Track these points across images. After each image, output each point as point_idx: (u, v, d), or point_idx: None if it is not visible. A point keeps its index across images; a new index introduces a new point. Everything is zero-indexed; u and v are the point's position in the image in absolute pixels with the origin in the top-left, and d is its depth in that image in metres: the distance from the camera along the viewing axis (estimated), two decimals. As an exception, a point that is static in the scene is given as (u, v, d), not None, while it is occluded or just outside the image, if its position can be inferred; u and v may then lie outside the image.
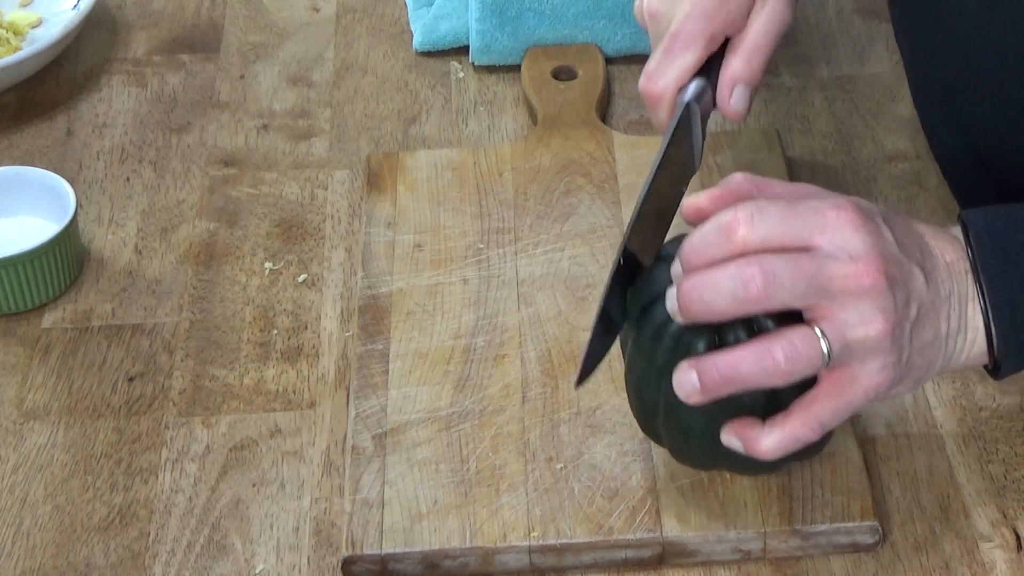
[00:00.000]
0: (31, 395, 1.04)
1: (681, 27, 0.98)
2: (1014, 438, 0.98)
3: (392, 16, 1.36)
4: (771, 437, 0.85)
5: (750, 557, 0.92)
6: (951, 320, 0.86)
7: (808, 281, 0.82)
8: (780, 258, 0.82)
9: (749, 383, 0.83)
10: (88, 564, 0.94)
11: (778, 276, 0.81)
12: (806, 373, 0.83)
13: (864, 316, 0.82)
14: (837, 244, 0.83)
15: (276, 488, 0.98)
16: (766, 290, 0.81)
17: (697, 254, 0.84)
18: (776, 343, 0.82)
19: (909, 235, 0.86)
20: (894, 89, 1.25)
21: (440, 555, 0.91)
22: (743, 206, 0.84)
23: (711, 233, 0.84)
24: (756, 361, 0.82)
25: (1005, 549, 0.92)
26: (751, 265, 0.82)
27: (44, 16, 1.35)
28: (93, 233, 1.16)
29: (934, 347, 0.86)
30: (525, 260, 1.09)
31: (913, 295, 0.84)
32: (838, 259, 0.82)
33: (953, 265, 0.87)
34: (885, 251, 0.83)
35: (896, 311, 0.83)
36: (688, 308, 0.83)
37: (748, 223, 0.83)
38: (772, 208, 0.84)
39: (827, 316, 0.82)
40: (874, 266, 0.82)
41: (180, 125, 1.26)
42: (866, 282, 0.82)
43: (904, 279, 0.84)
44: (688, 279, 0.83)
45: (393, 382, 1.01)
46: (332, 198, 1.18)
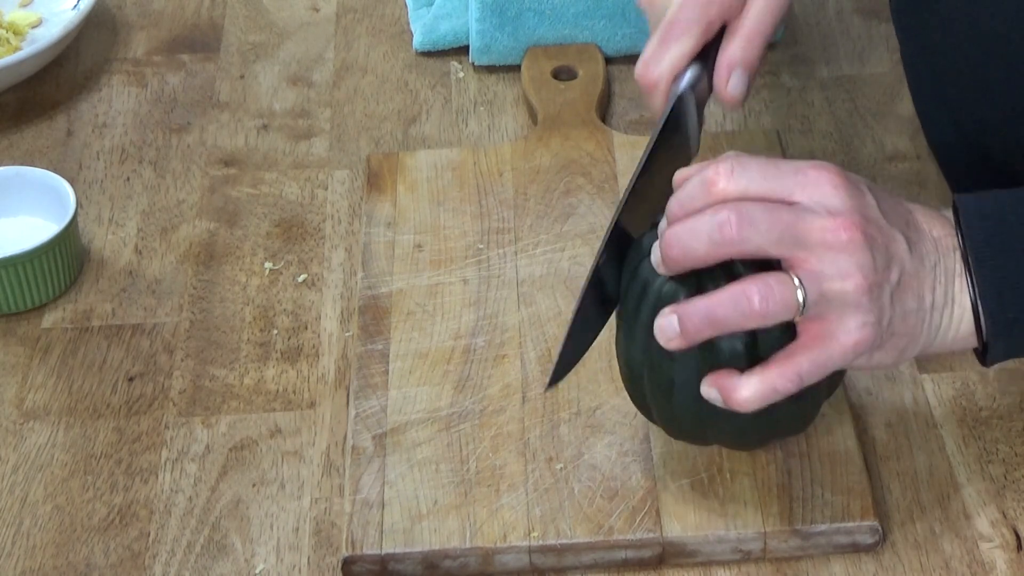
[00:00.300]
0: (31, 395, 1.04)
1: (678, 14, 0.98)
2: (1014, 438, 0.98)
3: (392, 16, 1.36)
4: (749, 386, 0.85)
5: (750, 557, 0.92)
6: (936, 292, 0.87)
7: (784, 228, 0.83)
8: (757, 205, 0.84)
9: (727, 325, 0.84)
10: (88, 564, 0.94)
11: (754, 219, 0.83)
12: (781, 317, 0.84)
13: (841, 269, 0.83)
14: (816, 200, 0.84)
15: (276, 488, 0.98)
16: (740, 232, 0.83)
17: (680, 206, 0.85)
18: (752, 285, 0.83)
19: (895, 207, 0.87)
20: (894, 89, 1.25)
21: (440, 555, 0.91)
22: (724, 159, 0.85)
23: (694, 186, 0.85)
24: (733, 303, 0.83)
25: (1005, 549, 0.92)
26: (728, 208, 0.83)
27: (44, 16, 1.35)
28: (93, 233, 1.16)
29: (917, 316, 0.86)
30: (525, 260, 1.09)
31: (895, 259, 0.85)
32: (816, 213, 0.83)
33: (941, 240, 0.87)
34: (865, 212, 0.84)
35: (875, 271, 0.84)
36: (668, 253, 0.85)
37: (728, 175, 0.84)
38: (753, 163, 0.85)
39: (804, 266, 0.83)
40: (852, 221, 0.83)
41: (180, 125, 1.26)
42: (843, 236, 0.83)
43: (885, 242, 0.85)
44: (670, 228, 0.85)
45: (393, 382, 1.01)
46: (332, 198, 1.18)
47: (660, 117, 0.97)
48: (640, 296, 0.88)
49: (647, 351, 0.88)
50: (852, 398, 0.99)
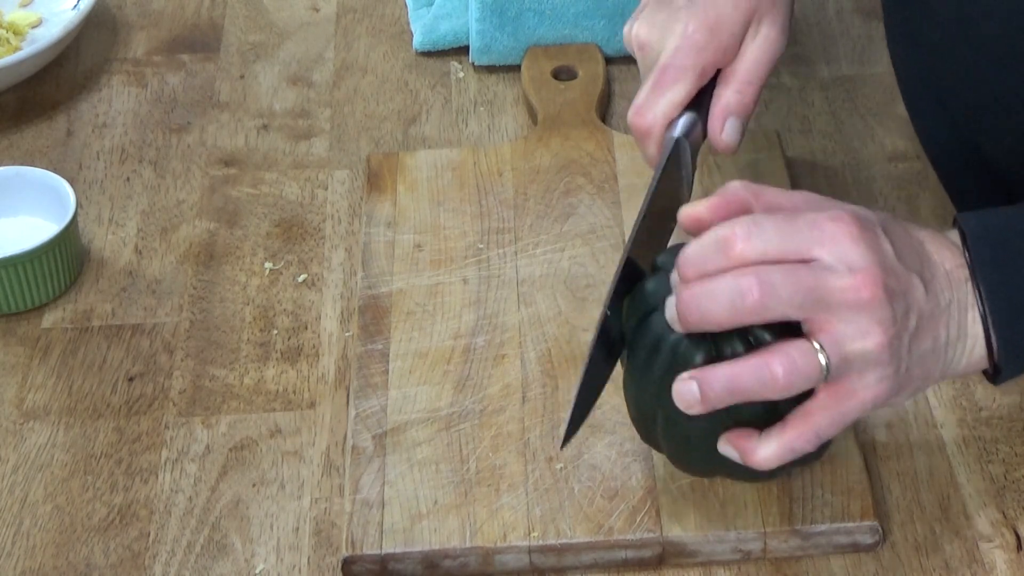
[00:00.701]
0: (31, 395, 1.04)
1: (671, 60, 0.97)
2: (1014, 438, 0.98)
3: (392, 16, 1.36)
4: (767, 448, 0.85)
5: (750, 557, 0.92)
6: (950, 328, 0.86)
7: (806, 292, 0.81)
8: (778, 269, 0.82)
9: (748, 396, 0.83)
10: (88, 564, 0.94)
11: (775, 286, 0.81)
12: (804, 387, 0.83)
13: (862, 329, 0.82)
14: (836, 256, 0.82)
15: (276, 488, 0.98)
16: (763, 300, 0.81)
17: (694, 267, 0.83)
18: (775, 357, 0.82)
19: (908, 244, 0.86)
20: (894, 89, 1.24)
21: (440, 555, 0.91)
22: (741, 221, 0.83)
23: (709, 247, 0.83)
24: (755, 374, 0.82)
25: (1005, 549, 0.92)
26: (748, 275, 0.81)
27: (44, 16, 1.35)
28: (93, 233, 1.16)
29: (933, 356, 0.86)
30: (525, 260, 1.09)
31: (912, 306, 0.84)
32: (836, 271, 0.82)
33: (952, 273, 0.86)
34: (884, 262, 0.83)
35: (895, 323, 0.83)
36: (687, 318, 0.83)
37: (746, 239, 0.82)
38: (769, 223, 0.83)
39: (825, 329, 0.82)
40: (872, 278, 0.82)
41: (180, 125, 1.26)
42: (865, 295, 0.82)
43: (903, 290, 0.83)
44: (687, 289, 0.83)
45: (393, 382, 1.01)
46: (332, 198, 1.18)
47: (656, 166, 0.96)
48: (653, 350, 0.86)
49: (660, 402, 0.87)
50: (852, 398, 0.99)
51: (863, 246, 0.83)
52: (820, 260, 0.82)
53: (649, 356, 0.87)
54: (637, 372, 0.88)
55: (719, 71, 1.00)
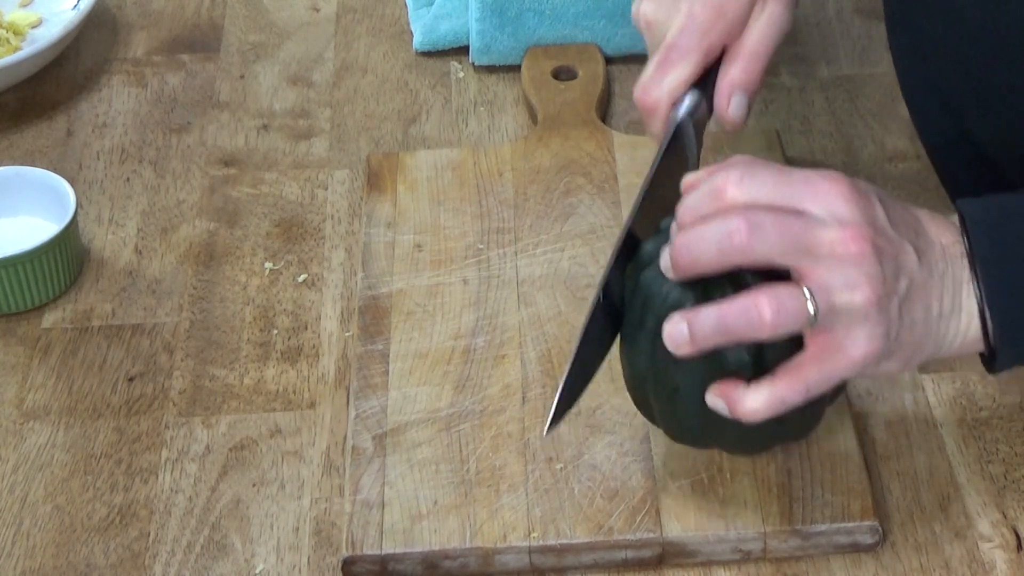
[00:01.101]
0: (31, 395, 1.04)
1: (677, 39, 0.98)
2: (1014, 438, 0.98)
3: (392, 16, 1.36)
4: (756, 398, 0.85)
5: (750, 557, 0.92)
6: (944, 301, 0.86)
7: (793, 238, 0.82)
8: (767, 212, 0.83)
9: (736, 335, 0.84)
10: (88, 564, 0.94)
11: (763, 228, 0.82)
12: (791, 329, 0.83)
13: (850, 281, 0.83)
14: (826, 211, 0.83)
15: (276, 488, 0.98)
16: (750, 240, 0.82)
17: (689, 212, 0.85)
18: (764, 297, 0.83)
19: (904, 216, 0.87)
20: (894, 89, 1.24)
21: (440, 555, 0.91)
22: (735, 167, 0.85)
23: (703, 194, 0.85)
24: (743, 313, 0.83)
25: (1005, 549, 0.92)
26: (737, 216, 0.83)
27: (44, 16, 1.35)
28: (93, 233, 1.16)
29: (925, 325, 0.86)
30: (525, 260, 1.09)
31: (904, 269, 0.84)
32: (826, 223, 0.83)
33: (949, 248, 0.87)
34: (875, 223, 0.84)
35: (884, 281, 0.83)
36: (678, 262, 0.84)
37: (737, 183, 0.84)
38: (763, 170, 0.85)
39: (813, 277, 0.83)
40: (861, 233, 0.83)
41: (180, 125, 1.26)
42: (853, 248, 0.82)
43: (894, 253, 0.84)
44: (679, 235, 0.85)
45: (393, 383, 1.01)
46: (332, 198, 1.18)
47: (660, 144, 0.97)
48: (645, 302, 0.87)
49: (652, 357, 0.88)
50: (852, 398, 0.99)
51: (854, 204, 0.84)
52: (810, 212, 0.83)
53: (642, 310, 0.88)
54: (631, 329, 0.89)
55: (725, 48, 1.00)
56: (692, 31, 0.98)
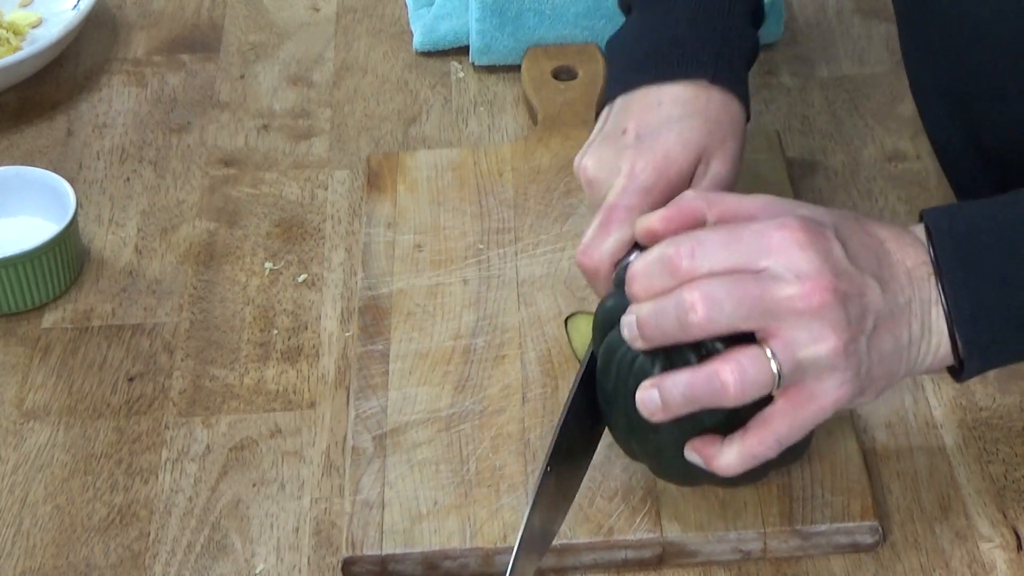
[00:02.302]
0: (31, 395, 1.04)
1: (618, 199, 0.95)
2: (1014, 438, 0.98)
3: (392, 16, 1.36)
4: (729, 454, 0.85)
5: (750, 557, 0.92)
6: (912, 327, 0.85)
7: (752, 303, 0.81)
8: (721, 282, 0.82)
9: (703, 403, 0.83)
10: (88, 564, 0.94)
11: (719, 300, 0.81)
12: (757, 395, 0.82)
13: (815, 334, 0.82)
14: (783, 265, 0.82)
15: (276, 488, 0.98)
16: (709, 314, 0.81)
17: (641, 286, 0.84)
18: (726, 365, 0.82)
19: (864, 245, 0.85)
20: (894, 89, 1.25)
21: (440, 556, 0.91)
22: (684, 239, 0.83)
23: (654, 264, 0.83)
24: (707, 383, 0.82)
25: (1005, 549, 0.92)
26: (692, 291, 0.81)
27: (44, 16, 1.35)
28: (93, 233, 1.16)
29: (895, 355, 0.85)
30: (525, 260, 1.09)
31: (869, 307, 0.83)
32: (784, 280, 0.82)
33: (914, 271, 0.86)
34: (835, 267, 0.82)
35: (849, 326, 0.82)
36: (645, 334, 0.83)
37: (690, 257, 0.82)
38: (713, 238, 0.83)
39: (776, 335, 0.82)
40: (822, 284, 0.81)
41: (180, 125, 1.26)
42: (815, 301, 0.81)
43: (858, 292, 0.83)
44: (638, 310, 0.83)
45: (393, 383, 1.01)
46: (332, 198, 1.18)
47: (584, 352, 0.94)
48: (614, 367, 0.87)
49: (629, 420, 0.87)
50: (852, 398, 0.99)
51: (811, 252, 0.82)
52: (768, 270, 0.82)
53: (615, 370, 0.87)
54: (606, 390, 0.89)
55: None
56: (633, 191, 0.96)
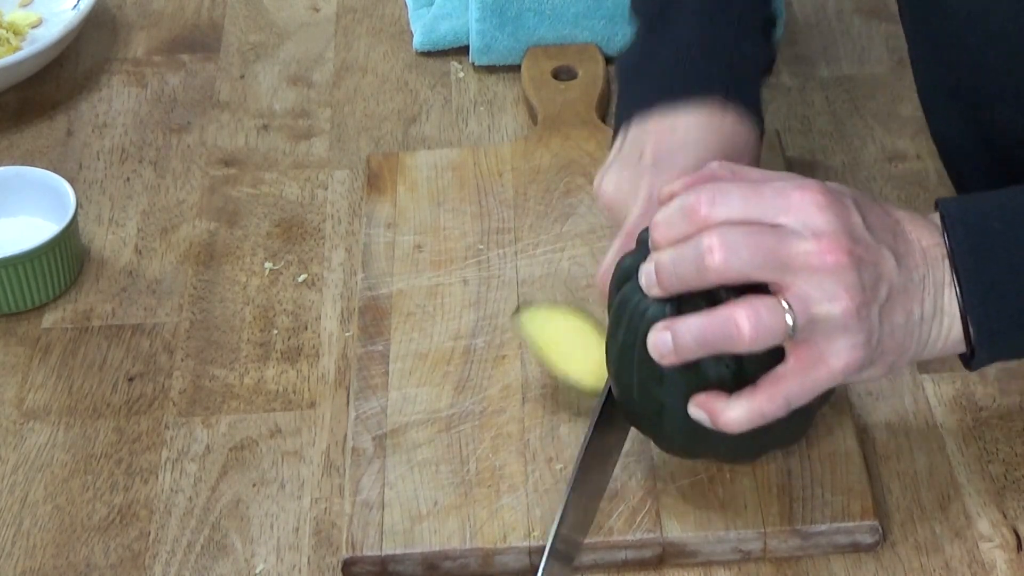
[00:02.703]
0: (31, 395, 1.04)
1: (637, 224, 0.96)
2: (1014, 438, 0.98)
3: (392, 16, 1.36)
4: (736, 409, 0.85)
5: (750, 557, 0.92)
6: (925, 304, 0.86)
7: (767, 253, 0.82)
8: (740, 230, 0.83)
9: (716, 347, 0.83)
10: (88, 564, 0.94)
11: (736, 246, 0.82)
12: (770, 342, 0.83)
13: (828, 292, 0.82)
14: (800, 222, 0.83)
15: (276, 488, 0.98)
16: (726, 259, 0.82)
17: (662, 233, 0.85)
18: (742, 310, 0.82)
19: (883, 220, 0.86)
20: (894, 89, 1.25)
21: (440, 556, 0.91)
22: (706, 187, 0.84)
23: (675, 213, 0.84)
24: (722, 327, 0.83)
25: (1005, 549, 0.92)
26: (711, 236, 0.82)
27: (44, 16, 1.35)
28: (93, 233, 1.16)
29: (906, 330, 0.86)
30: (525, 260, 1.09)
31: (883, 276, 0.84)
32: (801, 236, 0.83)
33: (929, 251, 0.86)
34: (852, 231, 0.83)
35: (863, 290, 0.83)
36: (662, 281, 0.84)
37: (710, 204, 0.83)
38: (735, 189, 0.84)
39: (791, 289, 0.82)
40: (838, 244, 0.82)
41: (180, 125, 1.26)
42: (829, 259, 0.82)
43: (873, 260, 0.84)
44: (657, 255, 0.84)
45: (393, 383, 1.01)
46: (332, 198, 1.18)
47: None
48: (630, 317, 0.87)
49: (636, 375, 0.87)
50: (852, 398, 0.99)
51: (829, 213, 0.83)
52: (785, 226, 0.83)
53: (626, 323, 0.87)
54: (616, 342, 0.89)
55: None
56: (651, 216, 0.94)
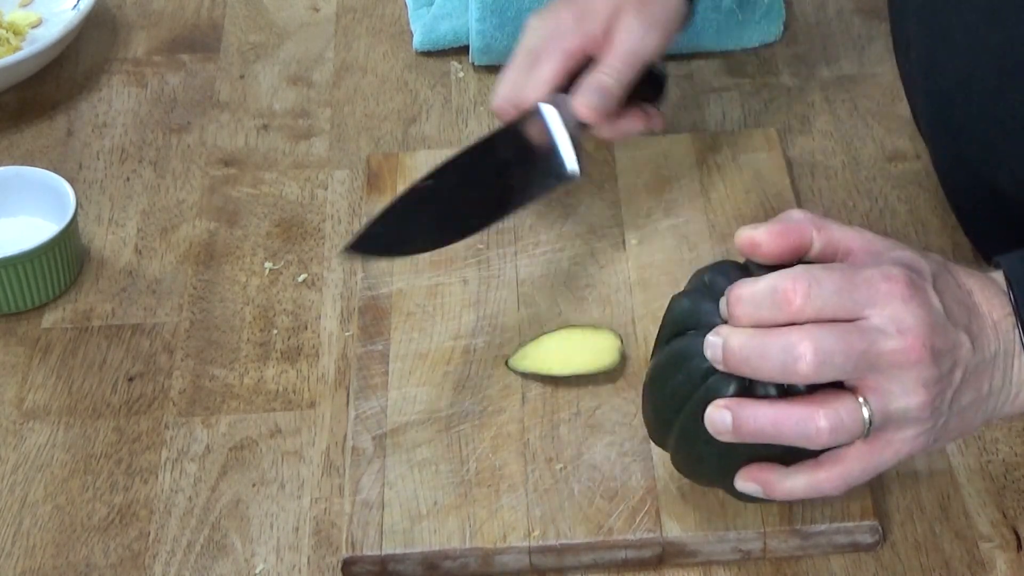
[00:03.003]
0: (31, 395, 1.04)
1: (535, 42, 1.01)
2: (1014, 438, 0.98)
3: (392, 16, 1.36)
4: (795, 481, 0.85)
5: (750, 557, 0.92)
6: (994, 379, 0.86)
7: (858, 357, 0.81)
8: (831, 334, 0.81)
9: (785, 440, 0.83)
10: (88, 564, 0.94)
11: (829, 354, 0.81)
12: (845, 441, 0.83)
13: (907, 387, 0.82)
14: (887, 317, 0.82)
15: (276, 488, 0.98)
16: (817, 368, 0.81)
17: (746, 312, 0.82)
18: (822, 411, 0.82)
19: (958, 297, 0.85)
20: (894, 89, 1.25)
21: (440, 556, 0.91)
22: (801, 276, 0.82)
23: (766, 296, 0.82)
24: (799, 424, 0.82)
25: (1005, 549, 0.92)
26: (803, 341, 0.81)
27: (44, 16, 1.35)
28: (93, 233, 1.16)
29: (974, 408, 0.86)
30: (525, 260, 1.09)
31: (959, 362, 0.84)
32: (887, 333, 0.82)
33: (1000, 324, 0.86)
34: (934, 322, 0.83)
35: (939, 381, 0.83)
36: (731, 364, 0.82)
37: (805, 296, 0.81)
38: (829, 281, 0.82)
39: (872, 387, 0.82)
40: (921, 340, 0.82)
41: (180, 125, 1.26)
42: (912, 356, 0.82)
43: (950, 347, 0.83)
44: (737, 338, 0.82)
45: (393, 383, 1.01)
46: (332, 198, 1.18)
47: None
48: (686, 369, 0.85)
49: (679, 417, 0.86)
50: (852, 398, 0.99)
51: (914, 306, 0.82)
52: (870, 320, 0.82)
53: (682, 373, 0.86)
54: (662, 382, 0.87)
55: None
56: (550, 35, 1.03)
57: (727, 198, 1.12)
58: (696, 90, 1.26)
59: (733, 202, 1.12)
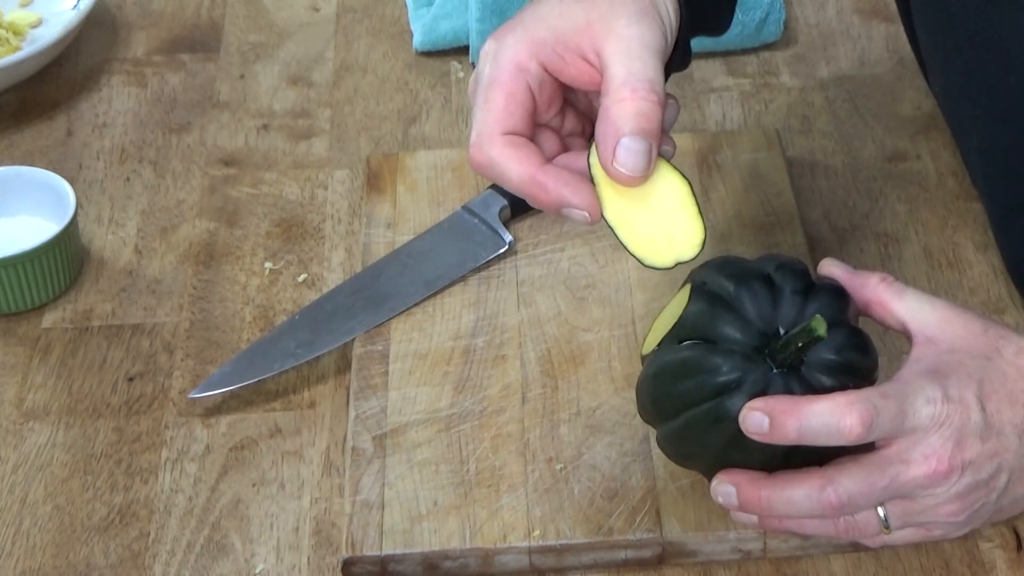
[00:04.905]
0: (31, 395, 1.04)
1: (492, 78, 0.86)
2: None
3: (392, 16, 1.36)
4: None
5: (750, 557, 0.92)
6: None
7: (881, 493, 0.84)
8: (855, 479, 0.84)
9: (804, 529, 0.88)
10: (88, 564, 0.94)
11: (852, 498, 0.84)
12: (857, 540, 0.88)
13: (938, 500, 0.85)
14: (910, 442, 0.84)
15: (276, 488, 0.98)
16: (840, 510, 0.85)
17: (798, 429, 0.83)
18: (836, 527, 0.87)
19: (1012, 394, 0.85)
20: (894, 89, 1.25)
21: (440, 556, 0.91)
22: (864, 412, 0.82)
23: (821, 425, 0.82)
24: (819, 526, 0.87)
25: (1005, 549, 0.92)
26: (826, 491, 0.84)
27: (44, 16, 1.35)
28: (93, 233, 1.16)
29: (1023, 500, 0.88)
30: (525, 260, 1.09)
31: (1003, 466, 0.85)
32: (909, 461, 0.84)
33: None
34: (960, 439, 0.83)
35: (974, 490, 0.85)
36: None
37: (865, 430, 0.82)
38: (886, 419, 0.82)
39: (901, 505, 0.86)
40: (947, 460, 0.83)
41: (180, 125, 1.26)
42: (939, 478, 0.84)
43: (989, 455, 0.84)
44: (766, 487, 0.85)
45: (393, 383, 1.01)
46: (332, 198, 1.18)
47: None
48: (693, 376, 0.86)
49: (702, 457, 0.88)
50: (852, 398, 0.99)
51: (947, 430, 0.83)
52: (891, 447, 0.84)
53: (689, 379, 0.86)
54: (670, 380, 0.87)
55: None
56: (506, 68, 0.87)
57: (727, 198, 1.12)
58: (696, 90, 1.26)
59: (733, 202, 1.12)
